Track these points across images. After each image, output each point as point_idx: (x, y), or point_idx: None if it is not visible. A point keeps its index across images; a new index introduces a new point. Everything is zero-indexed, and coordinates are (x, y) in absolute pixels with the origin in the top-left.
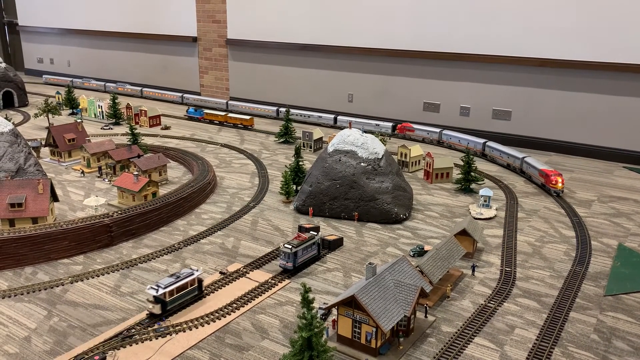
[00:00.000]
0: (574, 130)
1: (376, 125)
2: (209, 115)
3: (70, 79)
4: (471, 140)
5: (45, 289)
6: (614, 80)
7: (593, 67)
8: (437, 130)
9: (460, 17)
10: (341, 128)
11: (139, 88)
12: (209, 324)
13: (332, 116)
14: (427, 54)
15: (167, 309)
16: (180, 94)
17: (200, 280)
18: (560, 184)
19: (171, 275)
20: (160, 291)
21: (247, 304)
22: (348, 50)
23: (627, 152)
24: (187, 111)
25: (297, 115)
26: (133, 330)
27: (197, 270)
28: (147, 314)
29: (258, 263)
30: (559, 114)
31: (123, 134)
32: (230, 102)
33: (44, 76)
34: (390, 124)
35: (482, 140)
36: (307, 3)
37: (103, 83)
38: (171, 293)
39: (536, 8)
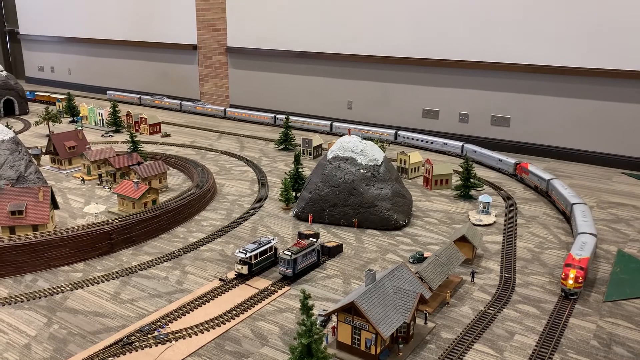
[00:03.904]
0: (573, 137)
1: (499, 160)
2: (39, 96)
3: (138, 95)
4: (572, 197)
5: (45, 297)
6: (613, 87)
7: (592, 73)
8: (547, 178)
9: (458, 24)
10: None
11: (221, 108)
12: (208, 330)
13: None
14: (426, 61)
15: (252, 270)
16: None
17: (275, 248)
18: (570, 281)
19: (254, 242)
20: (248, 254)
21: (246, 311)
22: (347, 57)
23: (625, 158)
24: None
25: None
26: (133, 338)
27: (273, 239)
28: (235, 274)
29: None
30: (557, 120)
31: (123, 142)
32: (334, 123)
33: (107, 92)
34: (512, 161)
35: (580, 201)
36: (306, 11)
37: (179, 102)
38: (255, 257)
39: (534, 15)
